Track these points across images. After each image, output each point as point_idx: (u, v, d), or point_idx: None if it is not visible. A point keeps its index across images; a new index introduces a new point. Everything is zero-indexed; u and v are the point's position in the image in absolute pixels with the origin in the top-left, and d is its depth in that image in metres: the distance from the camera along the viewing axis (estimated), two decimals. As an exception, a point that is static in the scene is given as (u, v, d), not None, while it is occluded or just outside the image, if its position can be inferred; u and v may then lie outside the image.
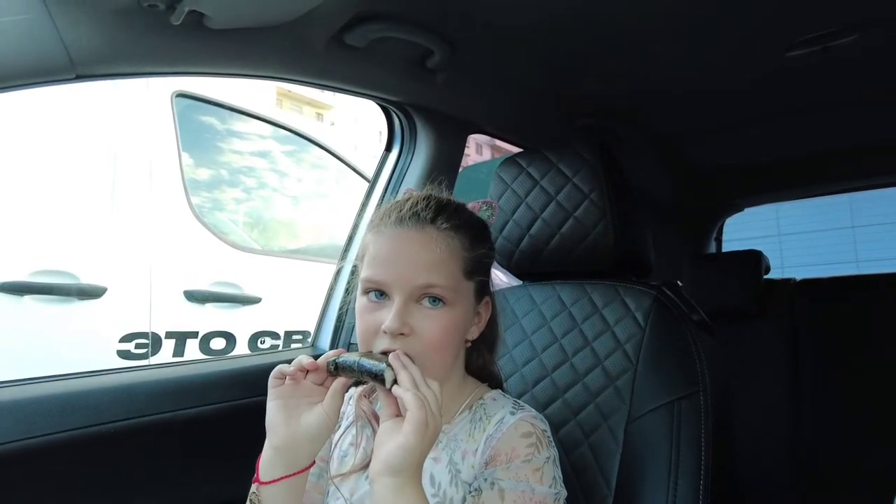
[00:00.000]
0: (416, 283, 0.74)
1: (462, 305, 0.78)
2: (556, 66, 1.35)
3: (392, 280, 0.75)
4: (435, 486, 0.76)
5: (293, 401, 0.71)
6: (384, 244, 0.77)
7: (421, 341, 0.74)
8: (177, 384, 1.08)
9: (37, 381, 0.97)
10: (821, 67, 1.36)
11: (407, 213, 0.78)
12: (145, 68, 0.93)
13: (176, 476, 1.05)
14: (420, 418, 0.62)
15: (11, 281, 1.68)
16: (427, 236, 0.76)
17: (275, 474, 0.71)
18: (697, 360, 0.92)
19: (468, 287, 0.79)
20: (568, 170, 1.08)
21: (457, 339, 0.80)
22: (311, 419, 0.71)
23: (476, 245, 0.80)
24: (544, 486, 0.72)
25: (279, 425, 0.71)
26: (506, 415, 0.78)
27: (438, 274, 0.75)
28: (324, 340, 1.37)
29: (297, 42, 1.02)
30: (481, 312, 0.84)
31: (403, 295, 0.74)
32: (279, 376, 0.72)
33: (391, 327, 0.72)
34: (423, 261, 0.75)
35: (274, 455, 0.71)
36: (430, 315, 0.75)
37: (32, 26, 0.78)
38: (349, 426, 0.88)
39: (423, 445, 0.63)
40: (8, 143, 1.75)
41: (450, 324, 0.76)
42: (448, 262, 0.76)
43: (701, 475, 0.83)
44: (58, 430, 0.91)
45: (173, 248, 2.02)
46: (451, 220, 0.79)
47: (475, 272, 0.80)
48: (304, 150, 2.65)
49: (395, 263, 0.75)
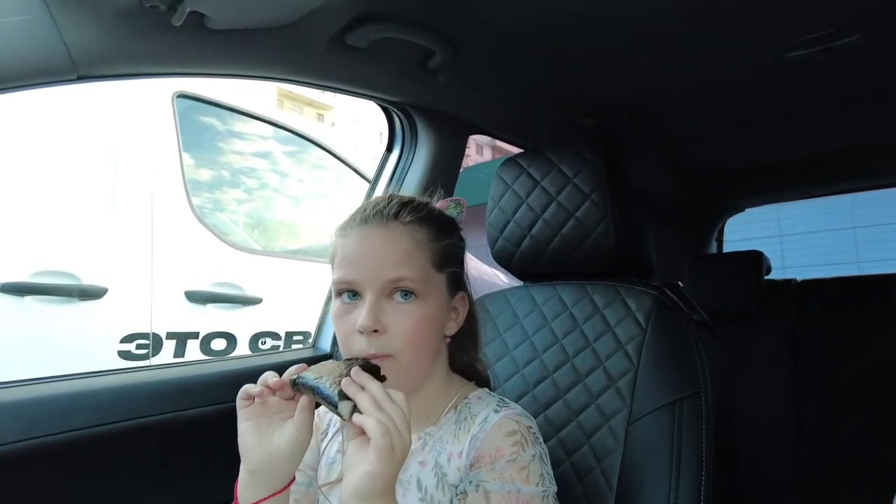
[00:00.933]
0: (385, 278, 0.74)
1: (435, 298, 0.78)
2: (558, 66, 1.35)
3: (361, 278, 0.75)
4: (422, 490, 0.75)
5: (264, 420, 0.69)
6: (351, 244, 0.78)
7: (396, 337, 0.74)
8: (178, 385, 1.08)
9: (38, 381, 0.97)
10: (822, 67, 1.36)
11: (370, 212, 0.80)
12: (146, 69, 0.93)
13: (177, 477, 1.06)
14: (384, 445, 0.59)
15: (12, 281, 1.68)
16: (391, 231, 0.77)
17: (254, 496, 0.69)
18: (699, 361, 0.92)
19: (440, 279, 0.79)
20: (569, 170, 1.08)
21: (433, 334, 0.79)
22: (284, 438, 0.68)
23: (442, 236, 0.81)
24: (531, 486, 0.71)
25: (253, 448, 0.69)
26: (489, 413, 0.77)
27: (407, 267, 0.75)
28: (324, 341, 1.37)
29: (298, 43, 1.03)
30: (458, 307, 0.83)
31: (374, 291, 0.74)
32: (246, 397, 0.70)
33: (364, 325, 0.72)
34: (390, 255, 0.76)
35: (250, 478, 0.70)
36: (402, 309, 0.75)
37: (34, 27, 0.78)
38: (336, 433, 0.87)
39: (391, 469, 0.61)
40: (8, 143, 1.75)
41: (424, 317, 0.76)
42: (415, 254, 0.77)
43: (702, 476, 0.83)
44: (60, 430, 0.91)
45: (174, 249, 2.02)
46: (414, 213, 0.79)
47: (445, 263, 0.80)
48: (304, 151, 2.65)
49: (362, 261, 0.76)
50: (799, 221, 9.28)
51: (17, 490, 0.88)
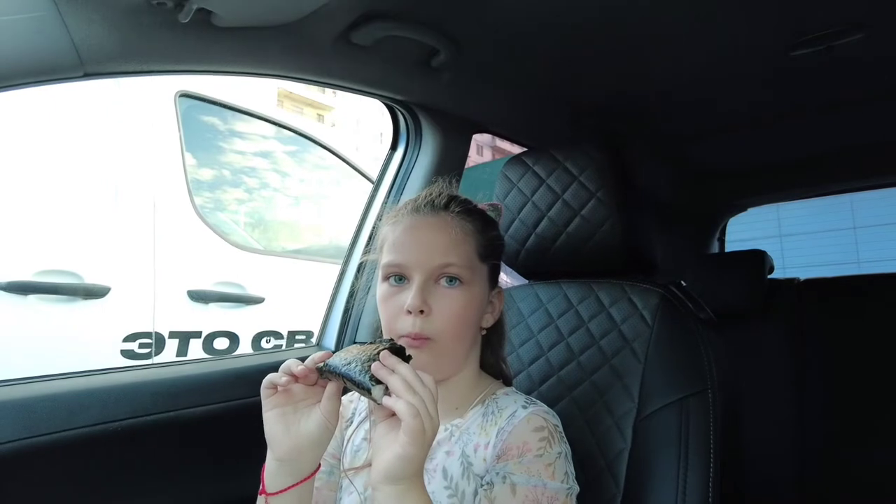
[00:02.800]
0: (433, 264, 0.78)
1: (478, 286, 0.82)
2: (562, 66, 1.35)
3: (411, 262, 0.79)
4: (447, 478, 0.77)
5: (289, 408, 0.70)
6: (402, 231, 0.82)
7: (440, 320, 0.77)
8: (184, 383, 1.08)
9: (45, 378, 0.97)
10: (825, 67, 1.36)
11: (422, 202, 0.85)
12: (152, 66, 0.93)
13: (182, 474, 1.05)
14: (416, 427, 0.60)
15: (16, 280, 1.68)
16: (442, 220, 0.82)
17: (281, 484, 0.70)
18: (706, 358, 0.92)
19: (483, 270, 0.83)
20: (574, 168, 1.08)
21: (473, 322, 0.82)
22: (311, 426, 0.69)
23: (487, 228, 0.85)
24: (556, 482, 0.72)
25: (280, 436, 0.69)
26: (517, 409, 0.79)
27: (454, 254, 0.79)
28: (329, 339, 1.37)
29: (304, 40, 1.03)
30: (494, 302, 0.87)
31: (423, 275, 0.78)
32: (270, 386, 0.70)
33: (412, 304, 0.76)
34: (439, 242, 0.79)
35: (278, 466, 0.70)
36: (448, 294, 0.78)
37: (42, 24, 0.78)
38: (361, 421, 0.88)
39: (422, 451, 0.62)
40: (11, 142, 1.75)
41: (467, 302, 0.79)
42: (463, 243, 0.81)
43: (710, 473, 0.83)
44: (66, 428, 0.91)
45: (177, 248, 2.02)
46: (463, 205, 0.85)
47: (489, 255, 0.84)
48: (305, 151, 2.65)
49: (413, 247, 0.80)
50: (799, 222, 9.28)
51: (25, 487, 0.88)
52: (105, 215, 1.88)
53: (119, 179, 1.92)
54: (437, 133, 1.37)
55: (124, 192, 1.92)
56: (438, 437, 0.79)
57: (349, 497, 0.82)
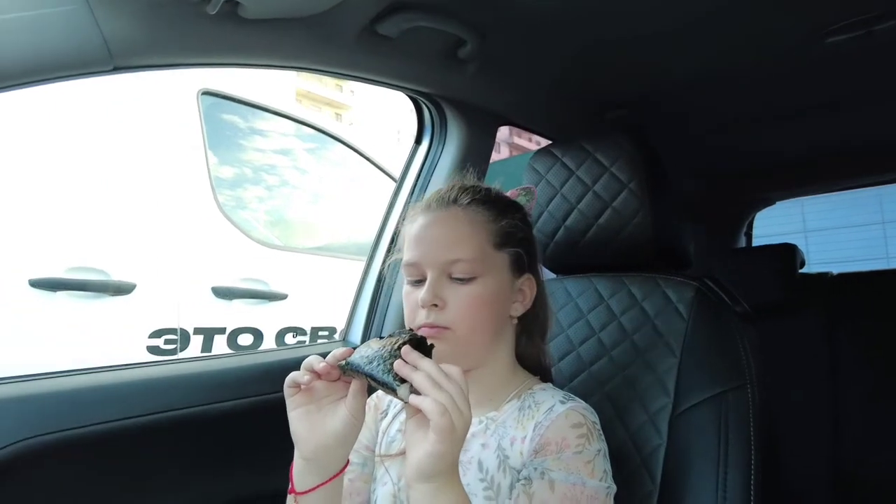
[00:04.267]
0: (442, 260, 0.79)
1: (494, 277, 0.80)
2: (587, 57, 1.33)
3: (422, 259, 0.80)
4: (483, 471, 0.76)
5: (313, 406, 0.69)
6: (415, 229, 0.83)
7: (453, 313, 0.77)
8: (208, 378, 1.08)
9: (68, 374, 0.97)
10: (863, 54, 1.31)
11: (433, 199, 0.85)
12: (180, 59, 0.92)
13: (206, 470, 1.05)
14: (444, 425, 0.58)
15: (45, 277, 1.70)
16: (449, 214, 0.82)
17: (310, 483, 0.70)
18: (744, 352, 0.89)
19: (500, 259, 0.82)
20: (605, 159, 1.06)
21: (493, 312, 0.80)
22: (337, 424, 0.68)
23: (501, 216, 0.83)
24: (595, 480, 0.70)
25: (306, 436, 0.68)
26: (555, 403, 0.77)
27: (462, 248, 0.79)
28: (355, 335, 1.36)
29: (330, 32, 1.02)
30: (524, 289, 0.84)
31: (434, 271, 0.79)
32: (292, 385, 0.69)
33: (423, 299, 0.77)
34: (446, 237, 0.80)
35: (305, 465, 0.70)
36: (460, 289, 0.78)
37: (73, 18, 0.78)
38: (397, 413, 0.88)
39: (454, 447, 0.60)
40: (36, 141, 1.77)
41: (481, 295, 0.78)
42: (472, 235, 0.80)
43: (752, 470, 0.80)
44: (88, 423, 0.91)
45: (201, 245, 2.03)
46: (471, 195, 0.84)
47: (505, 243, 0.82)
48: (325, 148, 2.66)
49: (424, 245, 0.81)
50: (824, 217, 9.09)
51: (49, 481, 0.89)
52: (130, 212, 1.90)
53: (144, 177, 1.93)
54: (462, 126, 1.36)
55: (149, 190, 1.94)
56: (473, 429, 0.78)
57: (383, 488, 0.81)
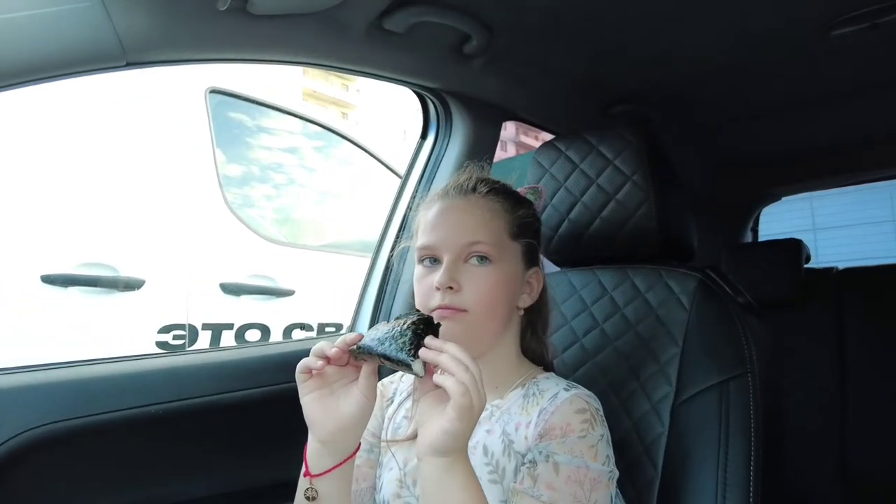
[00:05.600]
0: (461, 243, 0.80)
1: (509, 264, 0.83)
2: (593, 52, 1.33)
3: (440, 243, 0.81)
4: (488, 455, 0.77)
5: (326, 391, 0.71)
6: (433, 214, 0.84)
7: (469, 296, 0.78)
8: (222, 367, 1.10)
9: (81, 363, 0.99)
10: (868, 46, 1.32)
11: (451, 187, 0.87)
12: (191, 55, 0.95)
13: (221, 457, 1.08)
14: (464, 404, 0.61)
15: (57, 273, 1.73)
16: (469, 202, 0.84)
17: (325, 465, 0.71)
18: (745, 342, 0.90)
19: (515, 248, 0.84)
20: (609, 152, 1.07)
21: (506, 298, 0.82)
22: (350, 406, 0.69)
23: (518, 207, 0.86)
24: (598, 464, 0.72)
25: (320, 419, 0.70)
26: (559, 391, 0.79)
27: (482, 232, 0.81)
28: (362, 325, 1.38)
29: (337, 28, 1.03)
30: (532, 282, 0.86)
31: (452, 255, 0.80)
32: (304, 370, 0.71)
33: (440, 281, 0.78)
34: (466, 222, 0.82)
35: (321, 447, 0.71)
36: (477, 272, 0.80)
37: (87, 15, 0.80)
38: (403, 401, 0.89)
39: (469, 426, 0.63)
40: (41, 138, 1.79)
41: (497, 279, 0.80)
42: (491, 222, 0.82)
43: (751, 457, 0.81)
44: (109, 409, 0.94)
45: (209, 242, 2.05)
46: (490, 185, 0.86)
47: (520, 234, 0.85)
48: (332, 146, 2.68)
49: (442, 228, 0.82)
50: (834, 214, 9.03)
51: (61, 468, 0.91)
52: (139, 210, 1.92)
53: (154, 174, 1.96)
54: (467, 121, 1.37)
55: (158, 187, 1.96)
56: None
57: (389, 473, 0.83)
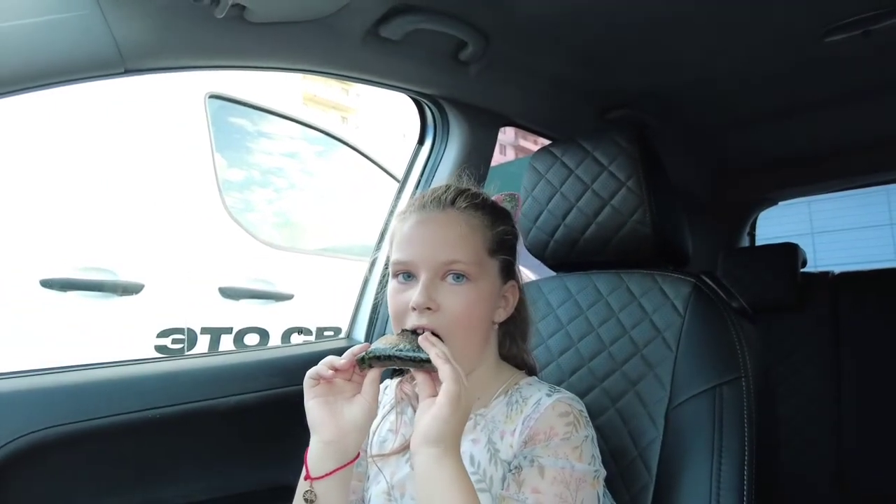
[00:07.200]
0: (439, 260, 0.78)
1: (487, 282, 0.81)
2: (589, 57, 1.35)
3: (417, 259, 0.79)
4: (475, 465, 0.77)
5: (331, 397, 0.74)
6: (409, 228, 0.82)
7: (447, 317, 0.76)
8: (220, 372, 1.10)
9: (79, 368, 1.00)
10: (861, 53, 1.33)
11: (428, 199, 0.84)
12: (188, 62, 0.95)
13: (218, 461, 1.08)
14: (454, 391, 0.65)
15: (56, 277, 1.73)
16: (448, 216, 0.81)
17: (327, 468, 0.72)
18: (739, 347, 0.91)
19: (492, 265, 0.82)
20: (604, 158, 1.08)
21: (483, 317, 0.81)
22: (355, 410, 0.73)
23: (497, 223, 0.84)
24: (583, 464, 0.72)
25: (325, 420, 0.72)
26: (542, 396, 0.79)
27: (460, 250, 0.78)
28: (358, 332, 1.38)
29: (334, 35, 1.04)
30: (507, 296, 0.85)
31: (429, 272, 0.77)
32: (314, 377, 0.73)
33: (418, 302, 0.75)
34: (445, 239, 0.79)
35: (324, 449, 0.72)
36: (454, 291, 0.78)
37: (86, 23, 0.81)
38: (386, 414, 0.90)
39: (457, 417, 0.66)
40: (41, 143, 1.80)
41: (475, 299, 0.78)
42: (469, 238, 0.80)
43: (745, 461, 0.82)
44: (108, 414, 0.94)
45: (208, 246, 2.06)
46: (470, 199, 0.83)
47: (498, 250, 0.83)
48: (331, 151, 2.68)
49: (419, 244, 0.79)
50: (832, 218, 9.05)
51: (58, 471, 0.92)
52: (138, 214, 1.93)
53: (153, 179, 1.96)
54: (464, 127, 1.38)
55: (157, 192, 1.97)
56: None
57: (377, 486, 0.84)
